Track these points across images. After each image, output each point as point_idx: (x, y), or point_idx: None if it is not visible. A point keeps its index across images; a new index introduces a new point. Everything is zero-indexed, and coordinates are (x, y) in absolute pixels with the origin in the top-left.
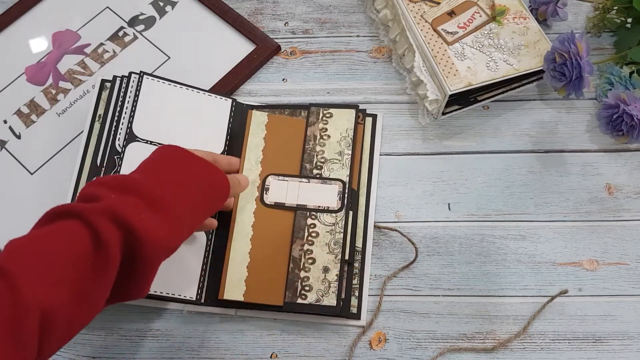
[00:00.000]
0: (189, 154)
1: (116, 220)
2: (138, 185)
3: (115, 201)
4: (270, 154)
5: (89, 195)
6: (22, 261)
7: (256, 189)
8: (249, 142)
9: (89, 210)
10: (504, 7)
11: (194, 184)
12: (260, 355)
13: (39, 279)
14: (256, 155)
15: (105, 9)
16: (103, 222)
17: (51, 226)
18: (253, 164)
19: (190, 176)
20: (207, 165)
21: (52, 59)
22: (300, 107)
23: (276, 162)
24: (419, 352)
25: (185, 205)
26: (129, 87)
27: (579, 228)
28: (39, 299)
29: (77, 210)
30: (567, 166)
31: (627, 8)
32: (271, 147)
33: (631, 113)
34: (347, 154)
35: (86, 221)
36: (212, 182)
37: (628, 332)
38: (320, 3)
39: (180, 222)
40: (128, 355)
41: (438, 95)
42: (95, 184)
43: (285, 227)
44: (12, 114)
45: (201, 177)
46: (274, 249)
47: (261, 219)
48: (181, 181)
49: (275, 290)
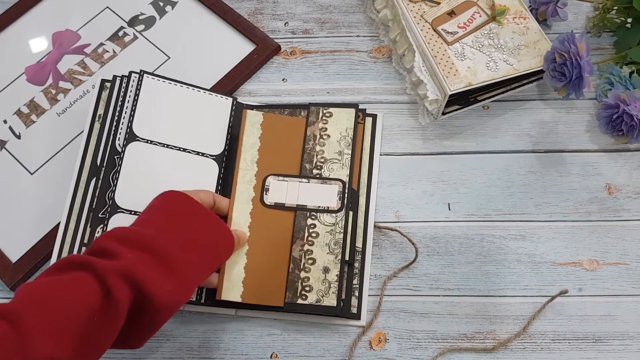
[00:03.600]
0: (198, 207)
1: (130, 280)
2: (154, 244)
3: (131, 261)
4: (266, 154)
5: (104, 249)
6: (35, 310)
7: (252, 189)
8: (244, 142)
9: (104, 267)
10: (504, 7)
11: (204, 242)
12: (260, 355)
13: (50, 330)
14: (252, 155)
15: (105, 9)
16: (116, 281)
17: (65, 276)
18: (249, 163)
19: (201, 234)
20: (216, 223)
21: (52, 59)
22: (300, 107)
23: (273, 161)
24: (419, 352)
25: (195, 265)
26: (129, 86)
27: (579, 228)
28: (47, 350)
29: (93, 265)
30: (567, 166)
31: (627, 8)
32: (267, 147)
33: (631, 113)
34: (347, 154)
35: (100, 277)
36: (220, 241)
37: (628, 332)
38: (320, 3)
39: (189, 282)
40: (128, 355)
41: (438, 95)
42: (112, 238)
43: (285, 227)
44: (12, 114)
45: (210, 235)
46: (273, 250)
47: (258, 219)
48: (193, 239)
49: (274, 291)
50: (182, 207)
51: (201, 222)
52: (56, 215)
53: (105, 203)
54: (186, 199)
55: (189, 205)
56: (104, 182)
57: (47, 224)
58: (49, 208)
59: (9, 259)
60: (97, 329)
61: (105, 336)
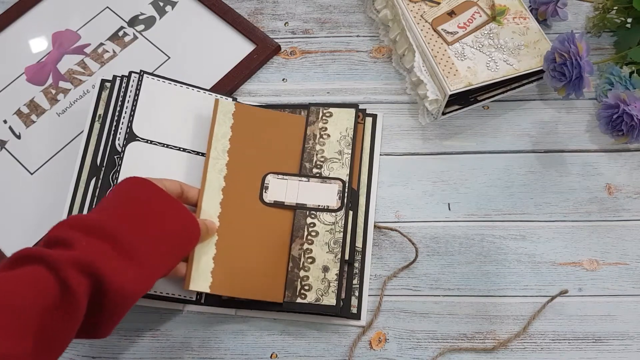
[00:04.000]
0: (162, 193)
1: (86, 270)
2: (110, 230)
3: (86, 250)
4: (239, 144)
5: (59, 238)
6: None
7: (223, 178)
8: (215, 131)
9: (57, 258)
10: (504, 7)
11: (167, 230)
12: (260, 355)
13: (4, 332)
14: (223, 145)
15: (105, 9)
16: (72, 272)
17: (18, 271)
18: (220, 152)
19: (163, 222)
20: (180, 211)
21: (52, 59)
22: (300, 107)
23: (246, 153)
24: (419, 352)
25: (157, 253)
26: (129, 86)
27: (579, 228)
28: (2, 349)
29: (45, 257)
30: (567, 166)
31: (627, 8)
32: (240, 137)
33: (631, 113)
34: (347, 153)
35: (54, 270)
36: (185, 230)
37: (628, 332)
38: (320, 3)
39: (150, 269)
40: (128, 355)
41: (438, 95)
42: (65, 226)
43: (277, 222)
44: (12, 114)
45: (174, 223)
46: (261, 244)
47: (227, 208)
48: (154, 227)
49: (264, 285)
50: (144, 193)
51: (164, 209)
52: (56, 215)
53: None
54: (149, 185)
55: (152, 191)
56: (104, 182)
57: (47, 223)
58: (49, 208)
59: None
60: (56, 322)
61: (66, 329)
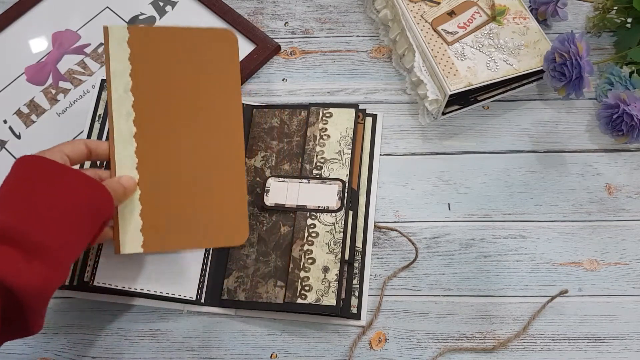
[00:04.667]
0: (58, 167)
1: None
2: (11, 232)
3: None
4: (143, 77)
5: None
6: None
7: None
8: (112, 69)
9: None
10: (504, 7)
11: (68, 206)
12: (260, 355)
13: None
14: (124, 83)
15: (105, 9)
16: None
17: None
18: (122, 93)
19: (61, 198)
20: (79, 180)
21: (52, 59)
22: (300, 107)
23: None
24: (419, 352)
25: (61, 235)
26: None
27: (579, 228)
28: None
29: None
30: (567, 166)
31: (627, 8)
32: (144, 69)
33: (631, 113)
34: (347, 154)
35: None
36: (92, 201)
37: (628, 332)
38: (320, 3)
39: (60, 261)
40: (128, 355)
41: (438, 95)
42: None
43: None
44: (12, 114)
45: (74, 196)
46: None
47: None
48: (52, 208)
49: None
50: (33, 173)
51: (59, 184)
52: None
53: None
54: (38, 161)
55: (41, 168)
56: None
57: None
58: None
59: None
60: None
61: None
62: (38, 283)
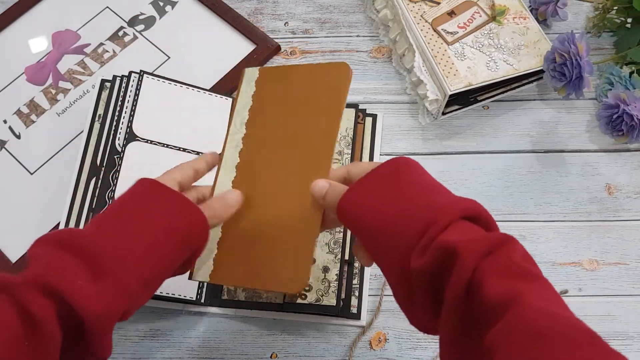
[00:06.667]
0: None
1: (47, 290)
2: (82, 241)
3: (46, 267)
4: (260, 112)
5: (31, 256)
6: None
7: (238, 154)
8: (237, 105)
9: (14, 282)
10: (504, 7)
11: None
12: (260, 355)
13: None
14: (242, 117)
15: (105, 9)
16: (32, 295)
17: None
18: (238, 126)
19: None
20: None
21: (52, 59)
22: None
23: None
24: (419, 352)
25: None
26: (129, 86)
27: (579, 228)
28: None
29: (4, 283)
30: (567, 166)
31: (627, 8)
32: (262, 104)
33: (631, 113)
34: (347, 154)
35: (14, 296)
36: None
37: (628, 332)
38: (320, 3)
39: (130, 288)
40: (128, 355)
41: (438, 95)
42: (40, 241)
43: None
44: (12, 114)
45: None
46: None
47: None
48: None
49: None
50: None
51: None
52: (56, 215)
53: (105, 203)
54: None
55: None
56: (104, 181)
57: (47, 223)
58: (49, 208)
59: (8, 259)
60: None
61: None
62: (100, 305)
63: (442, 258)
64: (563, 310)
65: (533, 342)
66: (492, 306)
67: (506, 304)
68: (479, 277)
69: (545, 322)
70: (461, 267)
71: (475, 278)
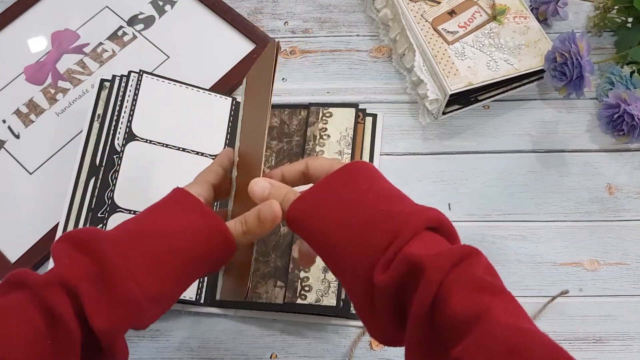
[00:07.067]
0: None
1: (67, 288)
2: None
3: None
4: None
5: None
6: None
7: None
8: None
9: (36, 280)
10: (505, 6)
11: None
12: (260, 355)
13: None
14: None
15: (105, 9)
16: (54, 291)
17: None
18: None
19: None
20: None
21: (51, 59)
22: (300, 107)
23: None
24: None
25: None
26: (129, 85)
27: (580, 228)
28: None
29: (27, 280)
30: (568, 166)
31: (627, 7)
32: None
33: (632, 113)
34: (347, 154)
35: (36, 293)
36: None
37: (629, 332)
38: (320, 2)
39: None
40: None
41: (438, 94)
42: (64, 238)
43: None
44: (11, 114)
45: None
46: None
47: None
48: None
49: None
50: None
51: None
52: (55, 215)
53: (104, 202)
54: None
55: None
56: (103, 181)
57: (46, 223)
58: (48, 208)
59: (7, 260)
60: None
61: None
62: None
63: (407, 272)
64: (529, 325)
65: (504, 358)
66: (458, 321)
67: (473, 320)
68: (444, 292)
69: (514, 338)
70: (427, 283)
71: (440, 292)
